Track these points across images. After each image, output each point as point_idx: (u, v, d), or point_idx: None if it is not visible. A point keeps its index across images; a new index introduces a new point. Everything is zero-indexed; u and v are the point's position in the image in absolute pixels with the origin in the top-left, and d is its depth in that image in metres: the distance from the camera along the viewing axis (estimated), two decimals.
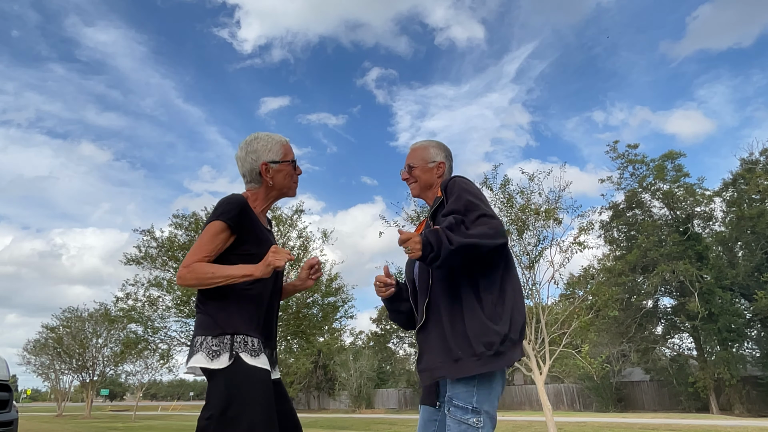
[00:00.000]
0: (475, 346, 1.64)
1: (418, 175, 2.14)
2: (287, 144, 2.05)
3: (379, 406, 39.98)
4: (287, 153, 2.03)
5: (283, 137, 2.06)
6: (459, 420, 1.64)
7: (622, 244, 28.36)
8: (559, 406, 31.12)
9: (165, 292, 16.87)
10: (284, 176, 2.02)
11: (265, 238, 1.93)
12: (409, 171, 2.17)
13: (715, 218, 27.58)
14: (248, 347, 1.73)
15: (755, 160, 26.06)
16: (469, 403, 1.64)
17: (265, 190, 2.01)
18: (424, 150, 2.18)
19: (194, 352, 1.72)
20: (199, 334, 1.75)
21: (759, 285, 22.71)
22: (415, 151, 2.19)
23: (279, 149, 2.01)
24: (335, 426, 19.62)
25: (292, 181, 2.05)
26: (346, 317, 19.94)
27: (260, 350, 1.76)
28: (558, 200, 10.54)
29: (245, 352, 1.71)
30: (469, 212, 1.77)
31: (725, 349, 23.91)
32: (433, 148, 2.18)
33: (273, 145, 2.01)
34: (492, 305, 1.71)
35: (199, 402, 79.23)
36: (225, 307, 1.78)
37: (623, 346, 26.75)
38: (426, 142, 2.22)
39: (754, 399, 24.46)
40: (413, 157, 2.17)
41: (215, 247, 1.80)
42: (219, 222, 1.80)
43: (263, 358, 1.75)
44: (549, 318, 10.65)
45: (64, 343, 35.06)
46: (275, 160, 1.99)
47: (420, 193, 2.17)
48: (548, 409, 9.74)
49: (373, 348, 43.29)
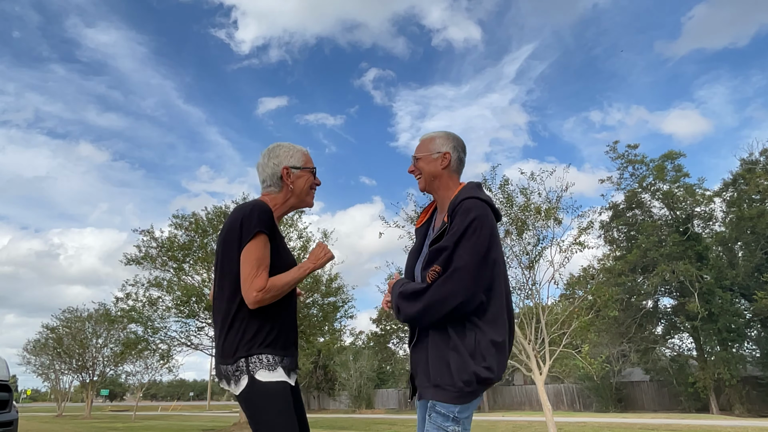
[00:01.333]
0: (456, 380, 1.67)
1: (422, 166, 2.05)
2: (308, 153, 2.10)
3: (379, 406, 39.96)
4: (308, 161, 2.08)
5: (304, 148, 2.11)
6: (439, 426, 1.68)
7: (622, 245, 28.36)
8: (559, 407, 31.11)
9: (165, 293, 16.87)
10: (304, 182, 2.05)
11: (284, 247, 1.98)
12: (414, 163, 2.09)
13: (715, 218, 27.59)
14: (264, 363, 1.78)
15: (755, 161, 26.06)
16: (451, 412, 1.68)
17: (284, 195, 2.02)
18: (430, 141, 2.08)
19: (221, 378, 1.86)
20: (220, 363, 1.83)
21: (759, 285, 22.71)
22: (422, 142, 2.10)
23: (300, 156, 2.06)
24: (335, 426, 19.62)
25: (311, 188, 2.08)
26: (346, 317, 19.99)
27: (276, 363, 1.80)
28: (558, 200, 10.54)
29: (262, 369, 1.77)
30: (451, 258, 1.71)
31: (725, 350, 23.91)
32: (439, 138, 2.08)
33: (295, 152, 2.06)
34: (475, 342, 1.69)
35: (200, 402, 79.13)
36: (245, 329, 1.82)
37: (623, 346, 26.75)
38: (434, 132, 2.11)
39: (754, 399, 24.46)
40: (419, 149, 2.09)
41: (268, 258, 1.85)
42: (263, 235, 1.85)
43: (279, 370, 1.80)
44: (549, 318, 10.65)
45: (64, 344, 35.05)
46: (297, 166, 2.03)
47: (426, 186, 2.06)
48: (548, 409, 9.74)
49: (373, 348, 43.27)
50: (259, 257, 1.81)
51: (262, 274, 1.79)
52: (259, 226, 1.83)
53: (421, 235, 2.09)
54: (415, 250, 2.07)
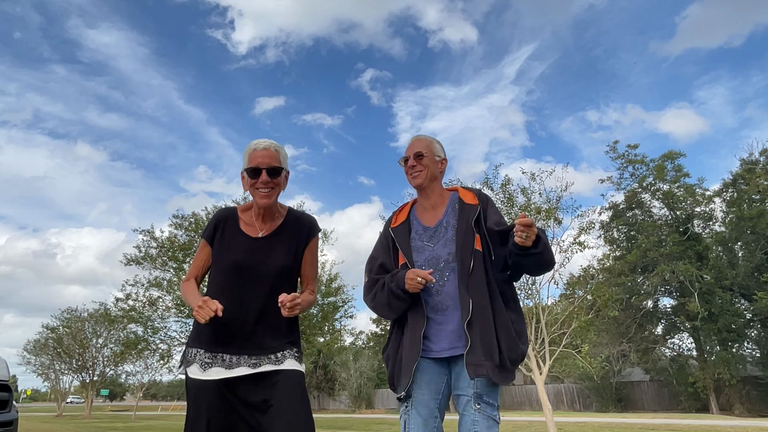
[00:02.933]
0: (508, 358, 1.87)
1: (427, 164, 2.18)
2: (255, 150, 1.98)
3: (379, 406, 39.96)
4: (250, 160, 1.97)
5: (261, 141, 1.99)
6: (488, 416, 1.84)
7: (621, 245, 28.36)
8: (559, 406, 31.11)
9: (165, 293, 16.86)
10: (246, 184, 2.00)
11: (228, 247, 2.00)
12: (417, 158, 2.19)
13: (715, 218, 27.59)
14: (197, 358, 1.89)
15: (755, 161, 26.06)
16: (496, 401, 1.88)
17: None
18: (432, 143, 2.23)
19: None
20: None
21: (759, 285, 22.71)
22: (422, 141, 2.23)
23: (246, 157, 1.99)
24: (335, 426, 19.61)
25: (253, 188, 1.97)
26: (346, 317, 19.98)
27: (209, 361, 1.86)
28: (558, 200, 10.54)
29: (194, 363, 1.88)
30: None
31: (725, 350, 23.91)
32: (438, 144, 2.26)
33: (245, 152, 2.01)
34: (519, 323, 1.98)
35: None
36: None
37: (623, 346, 26.73)
38: (429, 137, 2.26)
39: (754, 399, 24.45)
40: (422, 146, 2.21)
41: (199, 261, 2.07)
42: (202, 239, 2.08)
43: (214, 368, 1.85)
44: (549, 318, 10.64)
45: (64, 344, 35.04)
46: (244, 168, 1.99)
47: (424, 182, 2.19)
48: (548, 409, 9.73)
49: (373, 348, 43.27)
50: (194, 258, 2.06)
51: (189, 272, 2.06)
52: (203, 232, 2.07)
53: (403, 234, 2.18)
54: (418, 246, 2.16)
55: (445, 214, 2.18)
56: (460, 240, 2.04)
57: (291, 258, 2.03)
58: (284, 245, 2.02)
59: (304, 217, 2.15)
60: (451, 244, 2.07)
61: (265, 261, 1.95)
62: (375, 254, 2.26)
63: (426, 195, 2.22)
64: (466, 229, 2.05)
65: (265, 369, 1.86)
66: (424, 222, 2.19)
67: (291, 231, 2.06)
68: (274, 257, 1.97)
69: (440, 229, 2.14)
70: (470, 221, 2.06)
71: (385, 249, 2.22)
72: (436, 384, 1.99)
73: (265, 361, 1.88)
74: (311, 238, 2.11)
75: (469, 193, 2.19)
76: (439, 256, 2.07)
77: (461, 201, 2.15)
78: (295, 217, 2.12)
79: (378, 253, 2.24)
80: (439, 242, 2.11)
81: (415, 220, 2.22)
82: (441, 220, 2.16)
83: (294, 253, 2.05)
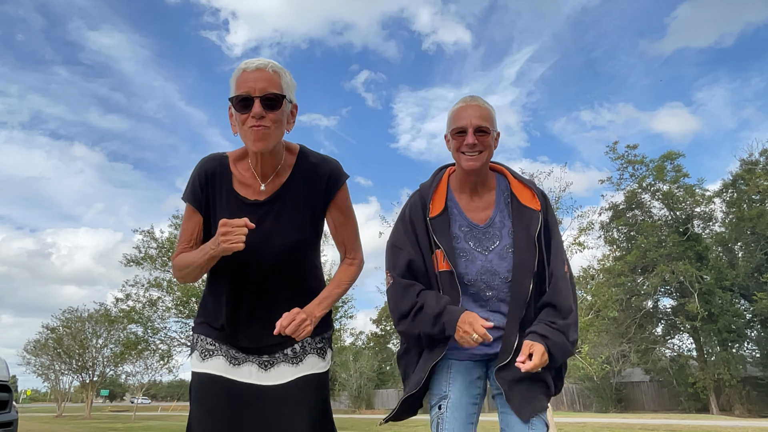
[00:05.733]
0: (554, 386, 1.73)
1: (489, 144, 1.62)
2: (244, 72, 1.41)
3: (379, 406, 39.96)
4: (238, 85, 1.41)
5: (254, 60, 1.43)
6: (543, 422, 1.61)
7: (621, 245, 28.37)
8: (559, 407, 31.10)
9: (165, 293, 16.88)
10: (233, 125, 1.46)
11: (226, 209, 1.50)
12: (480, 133, 1.59)
13: (715, 219, 27.64)
14: (198, 345, 1.54)
15: (755, 161, 26.09)
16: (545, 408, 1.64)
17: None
18: (493, 114, 1.65)
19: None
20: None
21: (759, 286, 22.72)
22: (483, 110, 1.63)
23: (233, 82, 1.43)
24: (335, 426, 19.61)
25: (243, 128, 1.41)
26: (346, 317, 20.01)
27: (214, 351, 1.52)
28: (558, 201, 10.56)
29: (196, 350, 1.54)
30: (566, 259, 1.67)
31: (725, 350, 23.92)
32: (495, 114, 1.67)
33: (233, 76, 1.44)
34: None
35: None
36: (203, 302, 1.63)
37: (623, 346, 26.73)
38: (489, 104, 1.68)
39: (754, 399, 24.46)
40: (486, 118, 1.62)
41: (187, 231, 1.55)
42: (187, 204, 1.55)
43: (215, 359, 1.50)
44: None
45: (64, 344, 35.09)
46: (230, 97, 1.43)
47: (482, 167, 1.63)
48: (548, 409, 9.73)
49: (373, 348, 43.29)
50: (181, 231, 1.54)
51: (176, 249, 1.52)
52: (185, 194, 1.53)
53: (443, 228, 1.64)
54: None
55: (497, 209, 1.67)
56: (518, 257, 1.58)
57: (307, 227, 1.55)
58: (296, 209, 1.52)
59: (323, 165, 1.57)
60: (507, 255, 1.60)
61: (272, 236, 1.48)
62: (399, 244, 1.68)
63: (474, 180, 1.67)
64: (526, 243, 1.58)
65: (277, 374, 1.52)
66: (470, 216, 1.66)
67: (304, 187, 1.54)
68: (283, 230, 1.50)
69: (493, 231, 1.64)
70: (532, 233, 1.58)
71: (412, 241, 1.65)
72: (474, 385, 1.67)
73: (279, 360, 1.52)
74: (335, 192, 1.57)
75: (525, 191, 1.67)
76: (496, 272, 1.60)
77: (515, 198, 1.66)
78: (310, 165, 1.55)
79: (403, 244, 1.67)
80: (493, 250, 1.62)
81: (456, 210, 1.68)
82: (493, 218, 1.66)
83: (311, 219, 1.55)
